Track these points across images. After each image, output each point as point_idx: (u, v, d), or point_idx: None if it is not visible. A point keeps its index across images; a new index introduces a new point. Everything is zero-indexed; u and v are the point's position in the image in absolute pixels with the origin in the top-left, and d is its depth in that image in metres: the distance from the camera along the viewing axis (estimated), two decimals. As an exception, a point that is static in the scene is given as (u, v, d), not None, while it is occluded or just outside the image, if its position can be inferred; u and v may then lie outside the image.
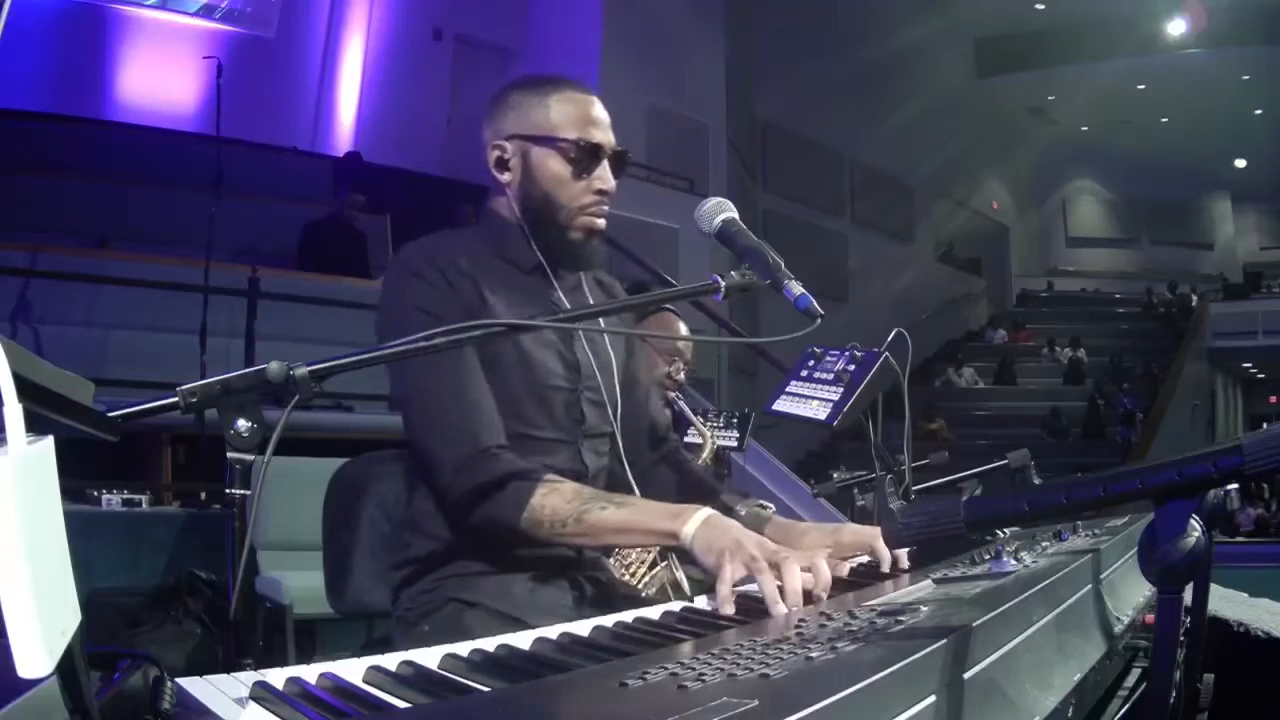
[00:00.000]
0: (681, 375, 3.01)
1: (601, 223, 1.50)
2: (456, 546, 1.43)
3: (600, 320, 1.53)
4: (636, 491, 1.53)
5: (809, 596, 1.07)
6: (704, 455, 3.06)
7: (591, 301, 1.57)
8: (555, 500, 1.32)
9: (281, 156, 8.37)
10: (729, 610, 1.07)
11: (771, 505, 1.56)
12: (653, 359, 2.90)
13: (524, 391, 1.46)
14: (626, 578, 2.05)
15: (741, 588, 1.12)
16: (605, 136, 1.49)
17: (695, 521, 1.24)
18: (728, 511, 1.51)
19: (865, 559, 1.38)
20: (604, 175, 1.48)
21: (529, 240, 1.51)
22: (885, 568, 1.29)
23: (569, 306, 1.51)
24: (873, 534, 1.37)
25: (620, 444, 1.57)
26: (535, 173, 1.48)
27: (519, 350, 1.45)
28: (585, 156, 1.47)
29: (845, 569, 1.27)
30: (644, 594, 2.00)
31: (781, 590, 1.06)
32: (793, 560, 1.09)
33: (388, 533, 1.76)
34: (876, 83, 14.19)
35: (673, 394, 3.04)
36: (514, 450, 1.42)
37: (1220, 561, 0.92)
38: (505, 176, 1.51)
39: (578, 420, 1.51)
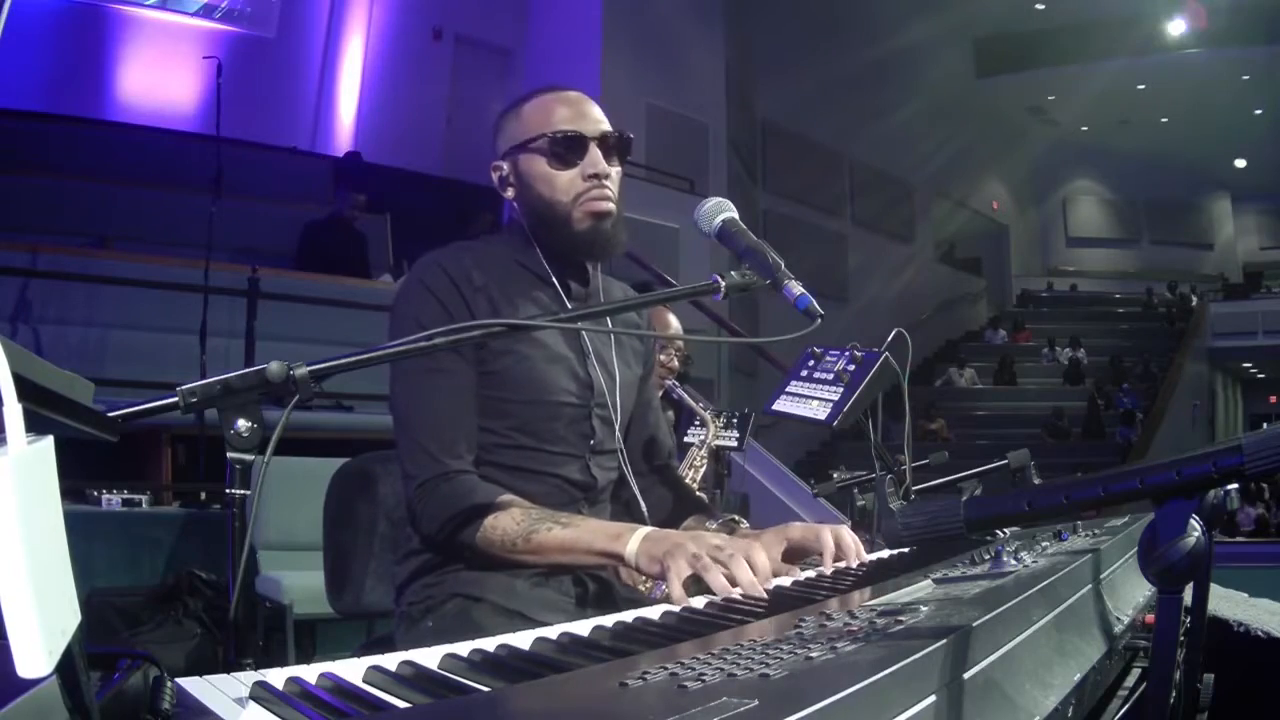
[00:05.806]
0: (675, 362, 3.02)
1: (605, 205, 1.48)
2: None
3: (605, 321, 1.53)
4: (643, 505, 1.57)
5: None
6: (708, 439, 3.05)
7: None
8: (505, 521, 1.35)
9: (281, 156, 8.38)
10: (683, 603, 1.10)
11: (744, 521, 1.58)
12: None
13: (534, 409, 1.47)
14: None
15: (734, 591, 1.14)
16: (586, 125, 1.48)
17: (635, 540, 1.27)
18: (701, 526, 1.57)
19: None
20: (592, 160, 1.47)
21: (540, 252, 1.52)
22: (827, 561, 1.32)
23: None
24: (820, 528, 1.39)
25: (626, 460, 1.59)
26: (526, 179, 1.49)
27: (530, 368, 1.47)
28: (563, 148, 1.46)
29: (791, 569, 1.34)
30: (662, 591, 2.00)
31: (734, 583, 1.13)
32: (737, 555, 1.15)
33: (388, 532, 1.77)
34: (876, 83, 14.20)
35: (669, 382, 3.04)
36: (522, 463, 1.46)
37: (1220, 561, 0.92)
38: (509, 193, 1.53)
39: (586, 436, 1.52)
